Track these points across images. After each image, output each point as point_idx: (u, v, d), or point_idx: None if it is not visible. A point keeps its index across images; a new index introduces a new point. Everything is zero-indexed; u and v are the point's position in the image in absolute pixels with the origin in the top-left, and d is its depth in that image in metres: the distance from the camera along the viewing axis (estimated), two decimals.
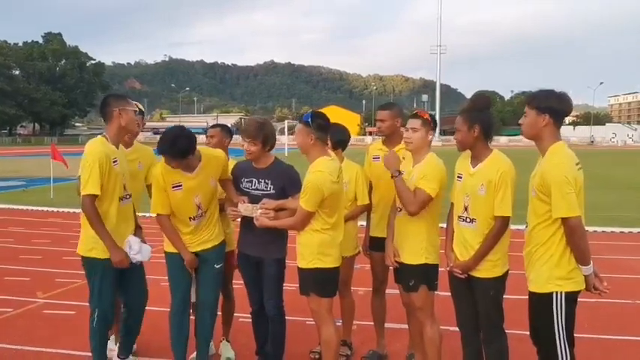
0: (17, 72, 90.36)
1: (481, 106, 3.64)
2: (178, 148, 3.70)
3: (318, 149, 3.77)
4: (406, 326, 4.41)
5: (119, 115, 3.80)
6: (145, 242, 4.00)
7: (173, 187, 3.87)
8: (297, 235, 3.82)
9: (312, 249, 3.72)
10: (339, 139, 4.36)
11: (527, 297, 3.35)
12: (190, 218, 3.94)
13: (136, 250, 3.86)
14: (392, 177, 3.77)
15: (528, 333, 3.40)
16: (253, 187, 3.99)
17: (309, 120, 3.72)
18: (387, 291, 4.62)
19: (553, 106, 3.17)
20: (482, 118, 3.52)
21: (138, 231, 4.07)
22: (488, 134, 3.55)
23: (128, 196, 3.93)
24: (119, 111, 3.79)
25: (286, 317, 4.12)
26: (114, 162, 3.74)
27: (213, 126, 4.66)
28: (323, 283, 3.76)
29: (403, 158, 4.12)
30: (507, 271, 3.55)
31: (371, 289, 4.65)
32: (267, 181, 3.95)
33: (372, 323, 4.66)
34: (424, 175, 3.68)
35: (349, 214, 4.24)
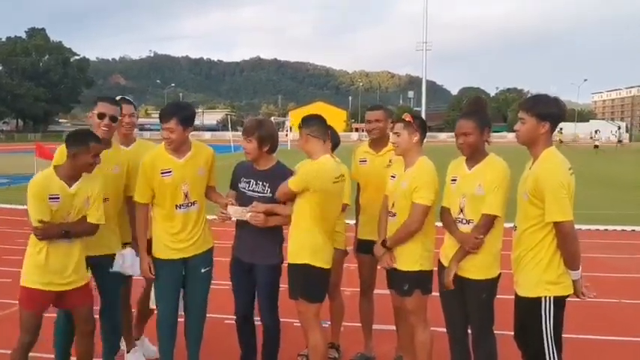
0: (0, 68, 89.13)
1: (481, 108, 3.66)
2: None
3: (322, 148, 3.81)
4: (394, 328, 4.41)
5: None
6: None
7: (162, 174, 3.81)
8: (290, 233, 3.82)
9: (303, 247, 3.72)
10: (334, 142, 4.37)
11: (514, 300, 3.37)
12: (177, 206, 3.87)
13: (129, 263, 3.93)
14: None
15: (513, 334, 3.43)
16: (250, 188, 3.95)
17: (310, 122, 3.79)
18: (375, 292, 4.61)
19: (554, 113, 3.18)
20: (489, 121, 3.55)
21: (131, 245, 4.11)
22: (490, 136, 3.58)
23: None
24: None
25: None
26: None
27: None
28: (312, 285, 3.74)
29: (390, 161, 4.14)
30: (500, 274, 3.55)
31: (358, 289, 4.65)
32: (265, 183, 3.91)
33: (360, 325, 4.65)
34: (416, 187, 3.65)
35: None
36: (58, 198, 3.50)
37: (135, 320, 4.65)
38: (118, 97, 4.40)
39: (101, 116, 3.87)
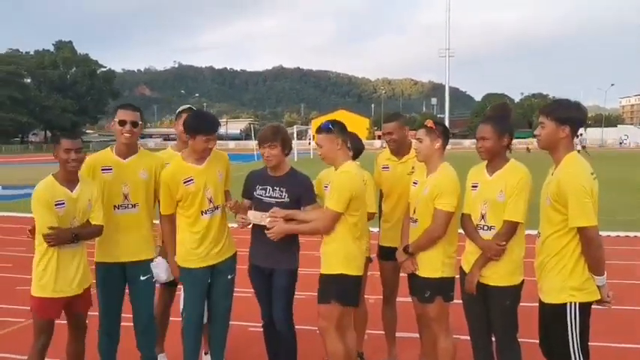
0: (29, 80, 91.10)
1: (504, 115, 3.63)
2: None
3: (344, 153, 3.82)
4: (417, 335, 4.39)
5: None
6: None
7: (185, 183, 3.88)
8: (324, 243, 3.82)
9: (338, 257, 3.73)
10: (356, 147, 4.38)
11: (538, 307, 3.34)
12: (202, 212, 3.93)
13: (164, 274, 4.05)
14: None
15: (538, 342, 3.38)
16: (267, 194, 3.97)
17: (330, 127, 3.77)
18: (398, 299, 4.60)
19: (574, 117, 3.16)
20: (510, 127, 3.52)
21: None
22: (511, 143, 3.56)
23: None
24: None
25: (297, 326, 4.10)
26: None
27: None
28: (345, 290, 3.75)
29: (413, 168, 4.13)
30: (523, 281, 3.52)
31: (381, 297, 4.64)
32: (281, 189, 3.94)
33: (383, 332, 4.64)
34: (439, 193, 3.64)
35: None
36: (64, 203, 3.60)
37: None
38: (185, 107, 4.51)
39: (122, 123, 3.90)
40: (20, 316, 5.75)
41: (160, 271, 4.06)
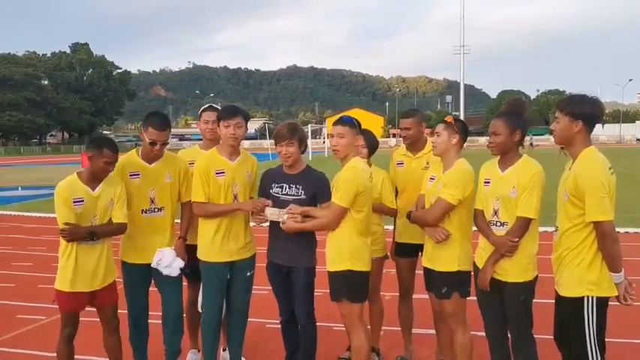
0: (46, 82, 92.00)
1: (519, 111, 3.62)
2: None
3: (355, 151, 3.85)
4: (433, 331, 4.40)
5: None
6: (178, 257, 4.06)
7: (217, 174, 3.97)
8: (328, 240, 3.83)
9: (343, 253, 3.73)
10: (371, 144, 4.40)
11: (554, 301, 3.33)
12: None
13: (167, 263, 3.99)
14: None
15: (552, 337, 3.38)
16: (284, 192, 4.00)
17: (354, 121, 3.82)
18: (414, 296, 4.61)
19: (587, 112, 3.15)
20: (523, 123, 3.52)
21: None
22: (524, 140, 3.55)
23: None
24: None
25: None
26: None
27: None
28: (354, 287, 3.75)
29: (427, 163, 4.15)
30: (537, 276, 3.52)
31: (397, 294, 4.65)
32: (298, 186, 3.96)
33: (400, 329, 4.66)
34: (446, 183, 3.65)
35: (376, 206, 4.21)
36: (82, 201, 3.72)
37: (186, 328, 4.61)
38: (206, 106, 4.55)
39: (152, 144, 3.94)
40: (42, 313, 5.86)
41: (166, 257, 4.00)
